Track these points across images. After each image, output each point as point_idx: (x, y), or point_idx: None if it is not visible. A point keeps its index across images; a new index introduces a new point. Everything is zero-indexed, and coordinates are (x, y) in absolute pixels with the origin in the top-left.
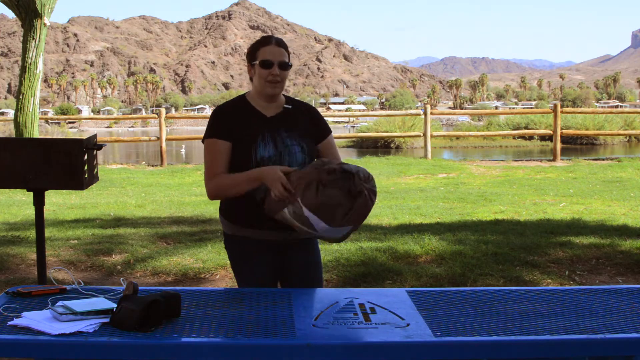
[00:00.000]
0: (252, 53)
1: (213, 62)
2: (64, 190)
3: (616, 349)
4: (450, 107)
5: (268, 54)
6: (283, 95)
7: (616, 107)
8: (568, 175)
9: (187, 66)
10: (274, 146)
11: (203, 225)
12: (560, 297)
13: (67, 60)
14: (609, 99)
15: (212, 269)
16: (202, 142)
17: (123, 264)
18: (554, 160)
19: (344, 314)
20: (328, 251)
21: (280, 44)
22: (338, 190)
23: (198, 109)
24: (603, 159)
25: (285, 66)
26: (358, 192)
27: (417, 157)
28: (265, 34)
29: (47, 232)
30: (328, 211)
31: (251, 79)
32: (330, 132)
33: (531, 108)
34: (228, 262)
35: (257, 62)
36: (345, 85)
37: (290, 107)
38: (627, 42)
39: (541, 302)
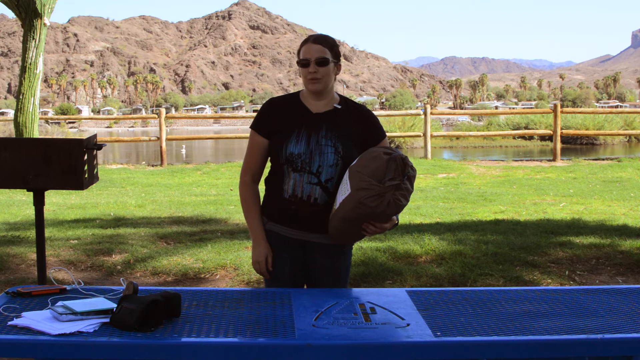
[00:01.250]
0: (297, 54)
1: (213, 62)
2: (64, 190)
3: (616, 349)
4: (450, 107)
5: (305, 53)
6: (339, 95)
7: (616, 107)
8: (568, 175)
9: (187, 66)
10: (306, 143)
11: (203, 225)
12: (560, 297)
13: (67, 60)
14: (609, 99)
15: (212, 269)
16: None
17: (123, 264)
18: (554, 160)
19: (344, 314)
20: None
21: (318, 40)
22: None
23: (198, 109)
24: (603, 159)
25: (323, 62)
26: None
27: (417, 157)
28: (265, 34)
29: (47, 232)
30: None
31: None
32: (384, 137)
33: (531, 108)
34: (228, 262)
35: (297, 61)
36: (345, 85)
37: (340, 107)
38: (627, 42)
39: (541, 302)
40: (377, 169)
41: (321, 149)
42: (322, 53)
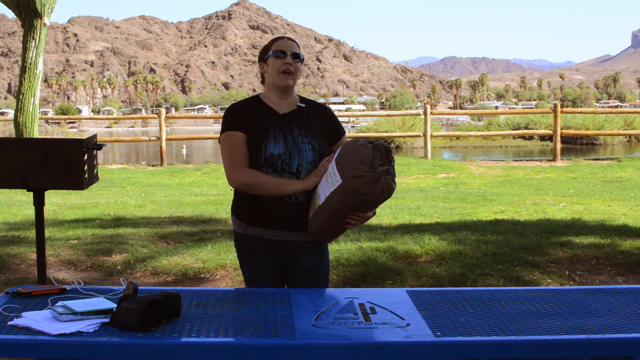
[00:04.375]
0: (265, 50)
1: (213, 62)
2: (64, 190)
3: (616, 349)
4: (450, 107)
5: (281, 46)
6: (297, 95)
7: (616, 107)
8: (568, 175)
9: (187, 66)
10: (284, 143)
11: (203, 225)
12: (560, 297)
13: (67, 60)
14: (609, 99)
15: (212, 269)
16: (219, 142)
17: (123, 264)
18: (554, 160)
19: (344, 314)
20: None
21: (292, 39)
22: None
23: (198, 109)
24: (603, 159)
25: (298, 57)
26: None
27: (417, 157)
28: (265, 34)
29: (47, 232)
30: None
31: (262, 78)
32: (344, 133)
33: (531, 108)
34: (228, 262)
35: (271, 53)
36: (345, 85)
37: (303, 105)
38: (627, 42)
39: (541, 302)
40: (365, 157)
41: (299, 148)
42: (297, 49)
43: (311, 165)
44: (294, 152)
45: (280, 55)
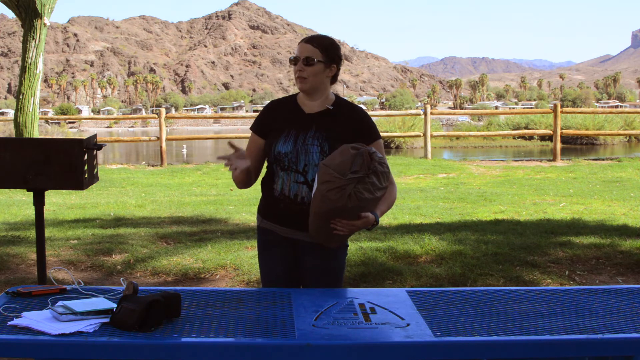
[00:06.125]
0: None
1: (213, 62)
2: (64, 190)
3: (616, 349)
4: (450, 107)
5: (297, 52)
6: (336, 95)
7: (616, 107)
8: (568, 175)
9: (187, 66)
10: (293, 143)
11: (203, 225)
12: (560, 297)
13: (67, 60)
14: (609, 99)
15: (212, 269)
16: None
17: (123, 264)
18: (554, 160)
19: (344, 314)
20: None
21: (310, 40)
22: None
23: (198, 109)
24: (603, 159)
25: (309, 61)
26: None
27: (417, 157)
28: (265, 34)
29: (47, 232)
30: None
31: None
32: (378, 138)
33: (531, 108)
34: (228, 262)
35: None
36: (345, 85)
37: (332, 107)
38: (627, 42)
39: (541, 302)
40: (342, 163)
41: (307, 148)
42: (310, 53)
43: (318, 167)
44: (300, 152)
45: (292, 62)
